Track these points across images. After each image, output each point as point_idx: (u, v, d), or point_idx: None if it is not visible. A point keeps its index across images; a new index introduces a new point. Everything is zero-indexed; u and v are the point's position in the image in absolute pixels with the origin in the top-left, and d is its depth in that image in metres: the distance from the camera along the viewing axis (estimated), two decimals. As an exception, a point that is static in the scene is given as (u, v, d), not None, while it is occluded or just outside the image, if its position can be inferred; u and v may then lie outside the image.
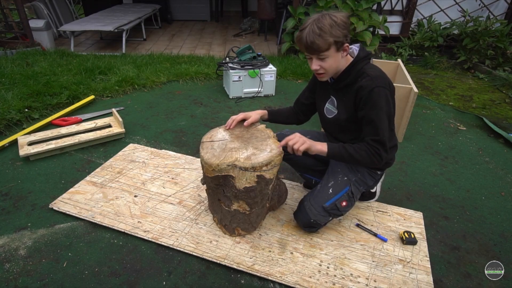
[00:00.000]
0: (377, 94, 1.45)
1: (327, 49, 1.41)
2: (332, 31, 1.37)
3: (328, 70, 1.49)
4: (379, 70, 1.53)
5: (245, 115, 1.73)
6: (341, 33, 1.39)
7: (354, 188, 1.69)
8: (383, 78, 1.49)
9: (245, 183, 1.51)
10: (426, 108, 3.42)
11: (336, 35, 1.38)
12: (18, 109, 2.83)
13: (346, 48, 1.46)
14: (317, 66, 1.47)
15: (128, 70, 3.82)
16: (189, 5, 7.04)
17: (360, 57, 1.52)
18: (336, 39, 1.39)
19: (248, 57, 3.43)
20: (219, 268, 1.60)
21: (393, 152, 1.75)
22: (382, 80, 1.47)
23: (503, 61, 4.44)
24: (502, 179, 2.37)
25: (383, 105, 1.46)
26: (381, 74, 1.51)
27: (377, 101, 1.45)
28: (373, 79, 1.46)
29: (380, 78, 1.48)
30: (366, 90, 1.46)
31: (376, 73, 1.49)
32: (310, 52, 1.44)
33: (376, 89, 1.44)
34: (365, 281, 1.54)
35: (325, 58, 1.44)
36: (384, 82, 1.48)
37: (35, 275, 1.52)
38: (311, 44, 1.39)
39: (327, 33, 1.36)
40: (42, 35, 4.67)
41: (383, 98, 1.46)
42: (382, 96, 1.46)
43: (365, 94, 1.46)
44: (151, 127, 2.84)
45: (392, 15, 4.87)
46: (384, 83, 1.47)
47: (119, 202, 1.93)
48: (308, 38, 1.38)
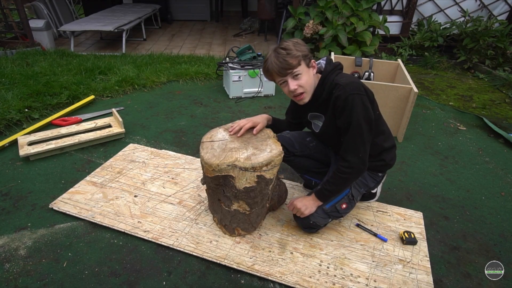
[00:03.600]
0: (351, 102, 1.45)
1: (298, 65, 1.45)
2: (297, 48, 1.45)
3: (306, 88, 1.51)
4: (350, 77, 1.54)
5: (254, 123, 1.70)
6: (305, 49, 1.48)
7: (354, 190, 1.69)
8: (355, 84, 1.48)
9: (245, 183, 1.51)
10: (426, 108, 3.42)
11: (302, 50, 1.46)
12: (18, 109, 2.83)
13: (313, 64, 1.52)
14: (294, 86, 1.49)
15: (128, 70, 3.82)
16: (189, 5, 7.04)
17: (328, 70, 1.54)
18: (303, 53, 1.46)
19: (248, 57, 3.43)
20: (219, 268, 1.60)
21: (393, 152, 1.75)
22: (354, 86, 1.47)
23: (503, 61, 4.44)
24: (502, 179, 2.37)
25: (359, 111, 1.46)
26: (353, 80, 1.51)
27: (353, 108, 1.46)
28: (345, 87, 1.47)
29: (352, 85, 1.48)
30: (340, 99, 1.47)
31: (347, 80, 1.49)
32: (283, 73, 1.47)
33: (350, 97, 1.45)
34: (365, 281, 1.54)
35: (299, 75, 1.47)
36: (357, 88, 1.47)
37: (35, 275, 1.52)
38: (282, 64, 1.44)
39: (293, 50, 1.44)
40: (42, 35, 4.67)
41: (358, 104, 1.46)
42: (358, 102, 1.46)
43: (340, 103, 1.48)
44: (151, 127, 2.84)
45: (392, 15, 4.87)
46: (357, 88, 1.47)
47: (119, 202, 1.93)
48: (278, 59, 1.44)
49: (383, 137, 1.68)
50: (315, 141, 1.88)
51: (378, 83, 2.56)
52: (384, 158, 1.70)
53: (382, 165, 1.72)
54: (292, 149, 1.83)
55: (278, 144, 1.61)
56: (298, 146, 1.84)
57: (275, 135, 1.70)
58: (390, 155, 1.73)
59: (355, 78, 1.55)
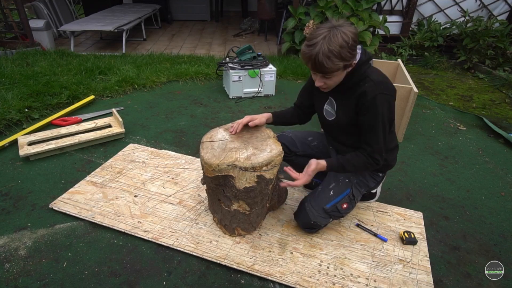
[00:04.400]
0: (380, 101, 1.42)
1: (335, 70, 1.37)
2: (342, 54, 1.30)
3: (332, 86, 1.48)
4: (382, 74, 1.50)
5: (251, 118, 1.69)
6: (351, 55, 1.34)
7: (355, 190, 1.69)
8: (386, 84, 1.45)
9: (245, 183, 1.51)
10: (426, 108, 3.42)
11: (346, 58, 1.32)
12: (18, 109, 2.83)
13: (353, 64, 1.42)
14: (321, 83, 1.45)
15: (128, 70, 3.82)
16: (189, 5, 7.04)
17: (363, 60, 1.46)
18: (345, 63, 1.34)
19: (248, 57, 3.43)
20: (219, 268, 1.60)
21: (395, 153, 1.74)
22: (385, 86, 1.44)
23: (503, 61, 4.44)
24: (502, 179, 2.37)
25: (385, 112, 1.44)
26: (384, 79, 1.48)
27: (380, 108, 1.42)
28: (377, 84, 1.42)
29: (384, 84, 1.44)
30: (369, 96, 1.42)
31: (380, 79, 1.45)
32: (317, 71, 1.40)
33: (379, 96, 1.41)
34: (365, 281, 1.54)
35: (331, 77, 1.41)
36: (388, 88, 1.44)
37: (35, 275, 1.52)
38: (320, 66, 1.33)
39: (337, 57, 1.30)
40: (42, 35, 4.67)
41: (385, 105, 1.43)
42: (385, 103, 1.43)
43: (367, 100, 1.43)
44: (151, 127, 2.84)
45: (392, 15, 4.87)
46: (388, 89, 1.44)
47: (119, 202, 1.93)
48: (317, 59, 1.31)
49: (390, 138, 1.66)
50: (317, 141, 1.87)
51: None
52: (387, 158, 1.69)
53: (384, 165, 1.72)
54: (294, 149, 1.82)
55: (278, 144, 1.61)
56: (299, 145, 1.84)
57: (275, 135, 1.70)
58: (392, 156, 1.73)
59: (385, 76, 1.50)
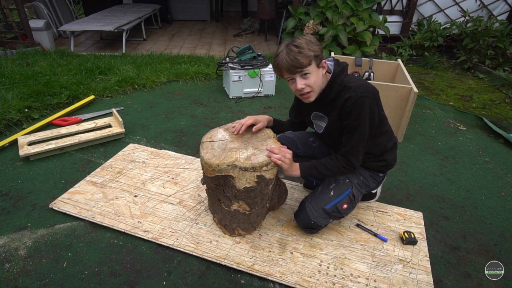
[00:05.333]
0: (361, 104, 1.46)
1: (308, 64, 1.43)
2: (310, 47, 1.42)
3: (314, 87, 1.50)
4: (359, 79, 1.55)
5: (255, 119, 1.69)
6: (318, 48, 1.45)
7: (355, 190, 1.69)
8: (366, 87, 1.49)
9: (245, 183, 1.51)
10: (426, 108, 3.42)
11: (314, 50, 1.43)
12: (18, 109, 2.83)
13: (324, 64, 1.50)
14: (302, 85, 1.48)
15: (128, 70, 3.82)
16: (189, 5, 7.04)
17: (337, 72, 1.54)
18: (315, 53, 1.43)
19: (248, 57, 3.42)
20: (219, 268, 1.60)
21: (394, 152, 1.74)
22: (365, 89, 1.48)
23: (503, 61, 4.44)
24: (502, 179, 2.37)
25: (366, 114, 1.47)
26: (363, 82, 1.52)
27: (361, 111, 1.47)
28: (356, 89, 1.47)
29: (363, 87, 1.48)
30: (351, 101, 1.47)
31: (358, 83, 1.50)
32: (292, 71, 1.45)
33: (360, 100, 1.46)
34: (365, 281, 1.54)
35: (308, 74, 1.46)
36: (368, 91, 1.48)
37: (35, 275, 1.52)
38: (293, 62, 1.42)
39: (305, 49, 1.41)
40: (42, 35, 4.67)
41: (366, 108, 1.47)
42: (366, 106, 1.47)
43: (349, 105, 1.48)
44: (151, 127, 2.84)
45: (392, 15, 4.87)
46: (368, 91, 1.48)
47: (119, 202, 1.93)
48: (289, 57, 1.41)
49: (387, 137, 1.68)
50: (318, 142, 1.88)
51: (378, 83, 2.56)
52: (386, 158, 1.70)
53: (384, 165, 1.72)
54: (295, 150, 1.83)
55: (278, 144, 1.61)
56: (301, 146, 1.84)
57: (275, 135, 1.70)
58: (391, 156, 1.73)
59: (363, 80, 1.56)
